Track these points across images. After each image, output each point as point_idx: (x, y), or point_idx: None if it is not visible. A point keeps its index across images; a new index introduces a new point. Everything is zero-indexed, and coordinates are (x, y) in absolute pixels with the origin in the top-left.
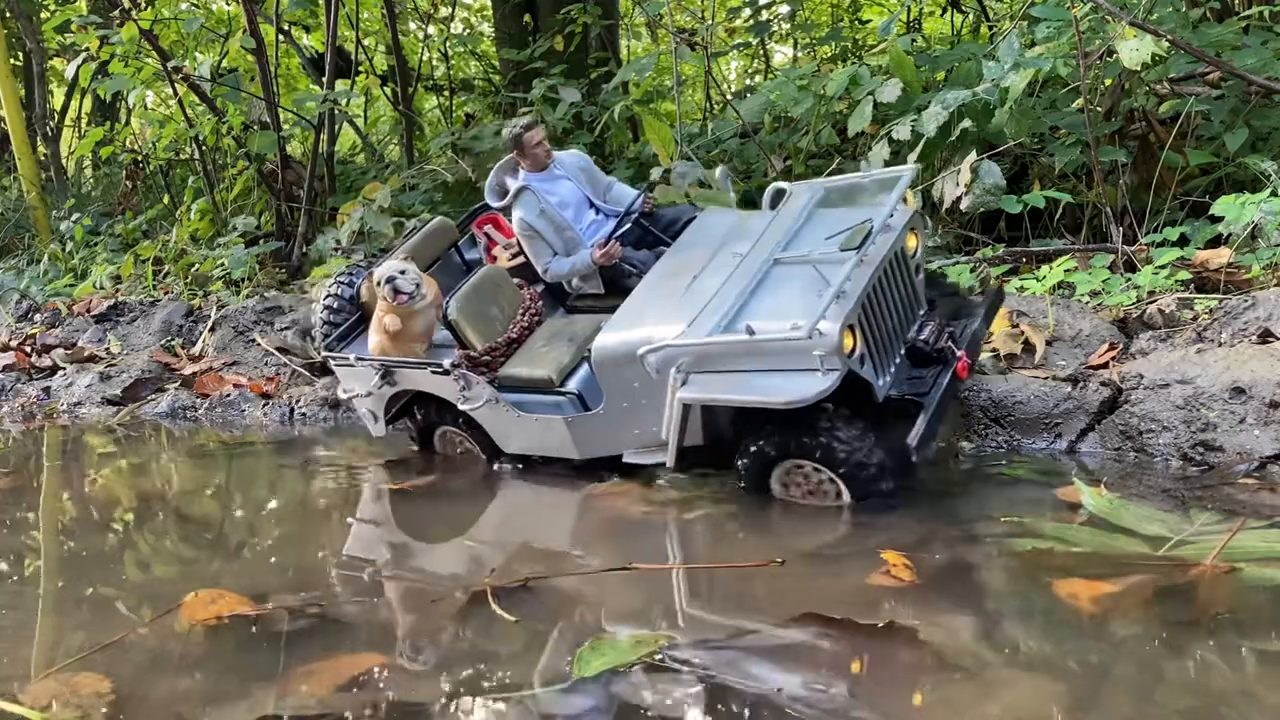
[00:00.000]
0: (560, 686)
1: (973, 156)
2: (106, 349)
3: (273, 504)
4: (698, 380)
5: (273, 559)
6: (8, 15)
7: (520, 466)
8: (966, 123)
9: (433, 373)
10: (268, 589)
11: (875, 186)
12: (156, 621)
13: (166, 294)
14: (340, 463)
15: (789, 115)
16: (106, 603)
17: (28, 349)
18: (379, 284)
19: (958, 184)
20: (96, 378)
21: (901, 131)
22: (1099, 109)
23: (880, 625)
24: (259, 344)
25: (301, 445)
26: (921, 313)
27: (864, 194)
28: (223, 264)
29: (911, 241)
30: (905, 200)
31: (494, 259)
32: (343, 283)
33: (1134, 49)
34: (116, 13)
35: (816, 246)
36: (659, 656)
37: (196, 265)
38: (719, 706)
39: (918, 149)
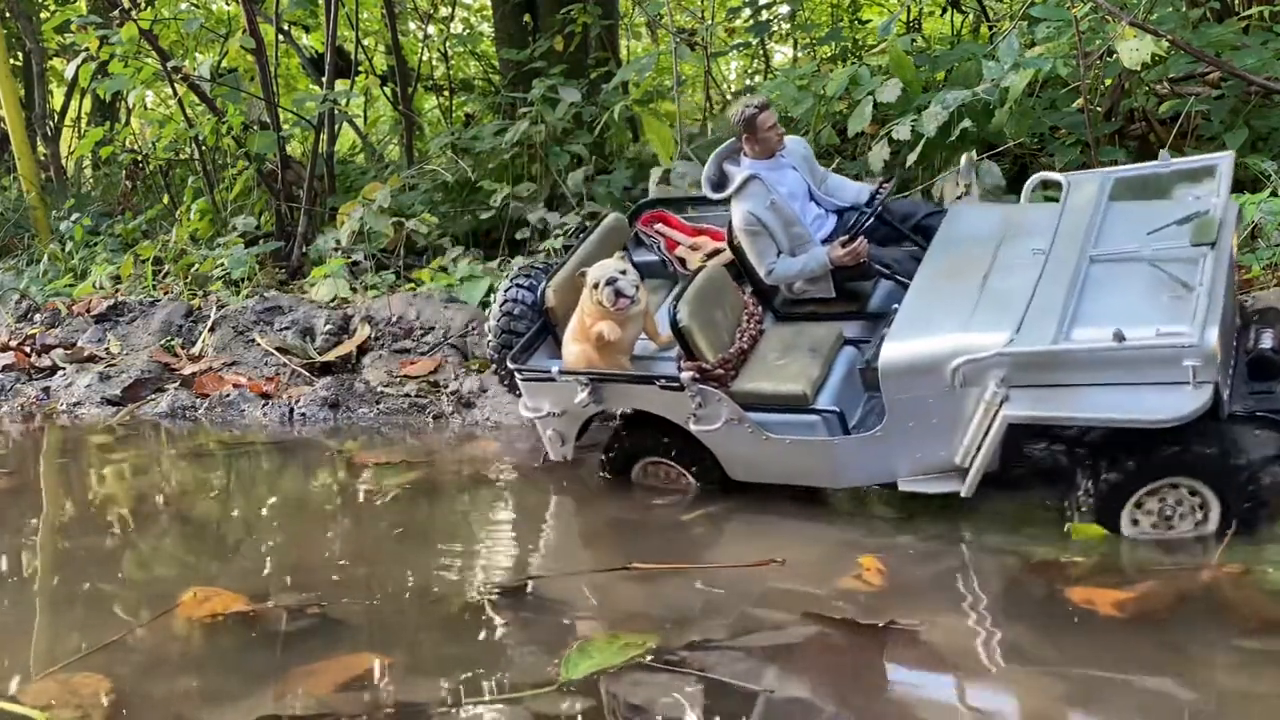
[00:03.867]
0: (556, 687)
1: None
2: (106, 349)
3: (272, 504)
4: (1023, 396)
5: (272, 559)
6: (8, 15)
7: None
8: (966, 123)
9: (662, 388)
10: (267, 589)
11: (1175, 177)
12: (156, 621)
13: (166, 294)
14: (340, 463)
15: (789, 115)
16: (106, 603)
17: (27, 349)
18: (595, 286)
19: (958, 184)
20: (96, 378)
21: (901, 131)
22: (1099, 109)
23: (881, 625)
24: (259, 344)
25: (301, 445)
26: (1238, 321)
27: (1160, 185)
28: (222, 264)
29: (1234, 240)
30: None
31: (681, 260)
32: (521, 285)
33: (1134, 49)
34: (116, 13)
35: (1140, 242)
36: (649, 658)
37: (196, 265)
38: (719, 707)
39: (918, 149)
